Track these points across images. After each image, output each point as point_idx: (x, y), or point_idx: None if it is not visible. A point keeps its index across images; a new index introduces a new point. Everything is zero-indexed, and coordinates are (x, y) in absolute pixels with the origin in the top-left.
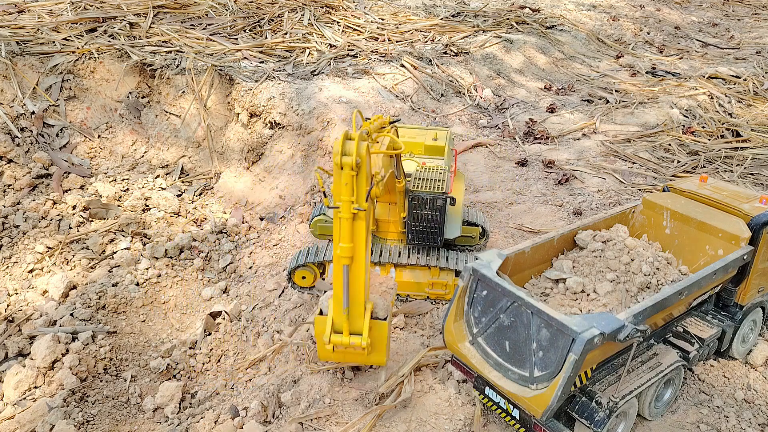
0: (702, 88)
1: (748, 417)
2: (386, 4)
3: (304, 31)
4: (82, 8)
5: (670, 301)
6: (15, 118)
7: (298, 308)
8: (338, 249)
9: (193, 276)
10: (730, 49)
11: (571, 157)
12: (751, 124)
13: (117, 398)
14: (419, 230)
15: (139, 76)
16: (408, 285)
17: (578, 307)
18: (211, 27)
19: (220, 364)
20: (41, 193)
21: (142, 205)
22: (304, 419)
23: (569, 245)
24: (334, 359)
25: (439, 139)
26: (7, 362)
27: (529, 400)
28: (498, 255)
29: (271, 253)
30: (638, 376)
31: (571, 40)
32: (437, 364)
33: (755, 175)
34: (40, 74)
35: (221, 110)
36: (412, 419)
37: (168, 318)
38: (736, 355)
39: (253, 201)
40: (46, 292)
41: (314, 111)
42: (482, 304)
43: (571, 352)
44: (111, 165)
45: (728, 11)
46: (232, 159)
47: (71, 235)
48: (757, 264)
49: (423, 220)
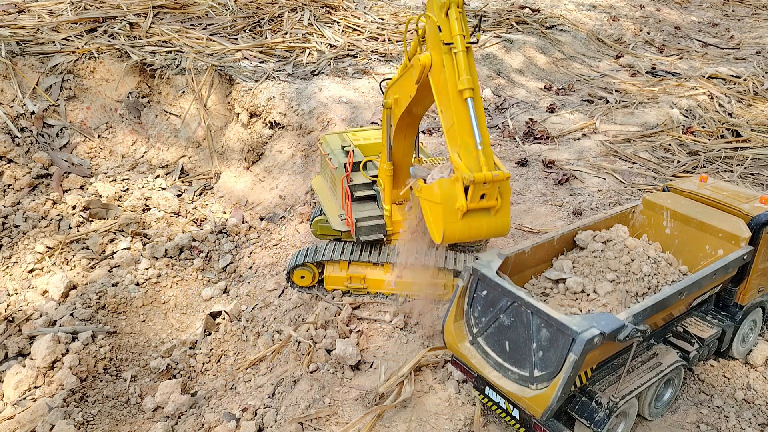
0: (702, 88)
1: (748, 417)
2: (386, 4)
3: (304, 31)
4: (82, 8)
5: (670, 301)
6: (15, 118)
7: (298, 308)
8: (459, 83)
9: (193, 276)
10: (730, 49)
11: (571, 157)
12: (751, 124)
13: (117, 398)
14: None
15: (139, 76)
16: (407, 285)
17: (578, 307)
18: (211, 27)
19: (220, 364)
20: (41, 193)
21: (142, 205)
22: (304, 419)
23: (569, 245)
24: (459, 234)
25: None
26: (7, 362)
27: (529, 400)
28: (498, 255)
29: (271, 253)
30: (638, 376)
31: (571, 40)
32: (437, 364)
33: (755, 175)
34: (40, 74)
35: (221, 110)
36: (412, 419)
37: (168, 318)
38: (736, 355)
39: (253, 201)
40: (46, 292)
41: (314, 111)
42: (482, 304)
43: (571, 352)
44: (111, 165)
45: (728, 11)
46: (232, 159)
47: (71, 235)
48: (757, 264)
49: None
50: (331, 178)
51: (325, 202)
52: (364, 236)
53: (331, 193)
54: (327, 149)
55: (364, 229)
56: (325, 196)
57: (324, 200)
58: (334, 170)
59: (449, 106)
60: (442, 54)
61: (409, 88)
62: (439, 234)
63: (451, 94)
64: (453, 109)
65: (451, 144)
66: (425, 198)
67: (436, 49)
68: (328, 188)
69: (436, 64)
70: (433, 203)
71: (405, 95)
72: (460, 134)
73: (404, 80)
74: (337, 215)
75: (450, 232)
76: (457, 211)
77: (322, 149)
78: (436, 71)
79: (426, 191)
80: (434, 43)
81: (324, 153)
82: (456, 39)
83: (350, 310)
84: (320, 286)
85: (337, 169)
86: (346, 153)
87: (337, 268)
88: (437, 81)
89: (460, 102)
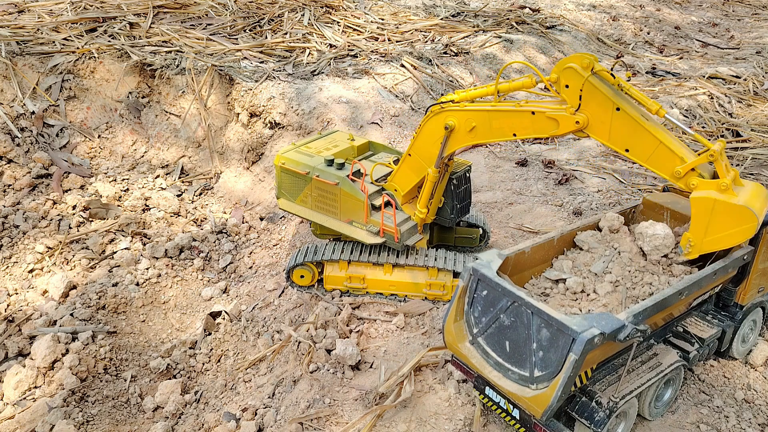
0: (702, 88)
1: (748, 417)
2: (386, 4)
3: (304, 31)
4: (82, 8)
5: (670, 301)
6: (15, 118)
7: (298, 308)
8: (652, 105)
9: (193, 276)
10: (730, 49)
11: (571, 157)
12: (751, 124)
13: (117, 398)
14: (462, 206)
15: (139, 76)
16: (406, 285)
17: (578, 307)
18: (211, 27)
19: (220, 364)
20: (41, 193)
21: (142, 205)
22: (304, 419)
23: (569, 245)
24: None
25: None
26: (7, 362)
27: (529, 400)
28: (498, 255)
29: (271, 253)
30: (638, 376)
31: (571, 40)
32: (437, 364)
33: (755, 175)
34: (40, 74)
35: (221, 110)
36: (412, 419)
37: (168, 318)
38: (736, 355)
39: (253, 201)
40: (46, 292)
41: (314, 111)
42: (482, 304)
43: (571, 352)
44: (111, 165)
45: (728, 11)
46: (232, 159)
47: (71, 235)
48: (757, 264)
49: (465, 194)
50: (323, 196)
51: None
52: (408, 240)
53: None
54: (301, 168)
55: (406, 233)
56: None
57: (322, 220)
58: (334, 186)
59: (642, 134)
60: (614, 100)
61: (512, 128)
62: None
63: (642, 122)
64: (651, 132)
65: (667, 166)
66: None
67: (597, 104)
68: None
69: (598, 120)
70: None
71: (501, 133)
72: (676, 149)
73: (508, 119)
74: (364, 230)
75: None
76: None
77: (291, 168)
78: (601, 126)
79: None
80: (592, 96)
81: (300, 172)
82: (619, 80)
83: (350, 310)
84: (320, 285)
85: (338, 185)
86: (338, 166)
87: (337, 267)
88: (606, 131)
89: (654, 126)
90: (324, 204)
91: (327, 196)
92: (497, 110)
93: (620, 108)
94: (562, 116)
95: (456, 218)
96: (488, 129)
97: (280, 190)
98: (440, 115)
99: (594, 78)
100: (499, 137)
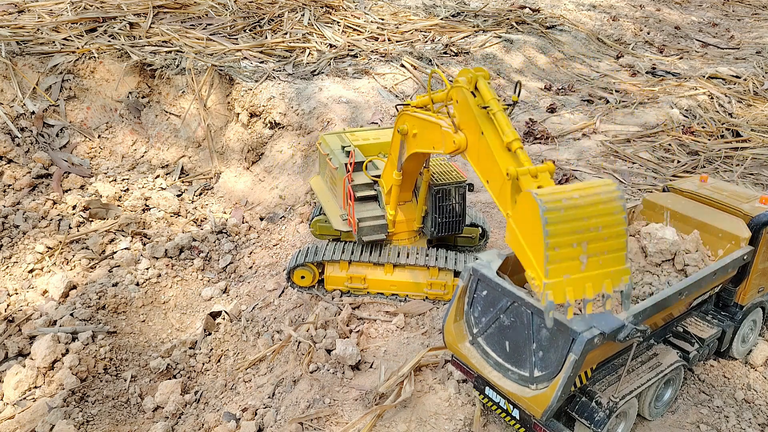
0: (702, 88)
1: (748, 417)
2: (386, 4)
3: (304, 31)
4: (82, 8)
5: (670, 301)
6: (15, 118)
7: (298, 308)
8: (505, 137)
9: (193, 276)
10: (730, 49)
11: (571, 157)
12: (751, 124)
13: (117, 398)
14: (445, 222)
15: (139, 76)
16: (407, 285)
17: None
18: (211, 27)
19: (220, 364)
20: (41, 193)
21: (142, 205)
22: (304, 419)
23: None
24: None
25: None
26: (7, 362)
27: (529, 400)
28: (498, 255)
29: (271, 253)
30: (638, 376)
31: (571, 40)
32: (437, 364)
33: (755, 175)
34: (40, 74)
35: (221, 110)
36: (412, 419)
37: (168, 318)
38: (736, 355)
39: (253, 201)
40: (46, 292)
41: (314, 111)
42: (482, 304)
43: (571, 352)
44: (111, 165)
45: (728, 11)
46: (232, 159)
47: (71, 235)
48: (757, 264)
49: (449, 211)
50: (331, 178)
51: (325, 202)
52: (366, 236)
53: (330, 193)
54: (326, 149)
55: (366, 229)
56: (325, 196)
57: (324, 200)
58: (335, 170)
59: (493, 170)
60: (479, 123)
61: (431, 141)
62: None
63: (496, 154)
64: (501, 166)
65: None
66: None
67: (470, 126)
68: (327, 188)
69: (471, 143)
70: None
71: (426, 144)
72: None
73: (430, 130)
74: (339, 215)
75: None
76: None
77: (321, 149)
78: (472, 150)
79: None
80: (468, 117)
81: (323, 153)
82: (491, 102)
83: (350, 310)
84: (320, 286)
85: (337, 169)
86: (346, 153)
87: (338, 268)
88: (475, 156)
89: (508, 157)
90: (332, 186)
91: (333, 179)
92: (426, 120)
93: (484, 133)
94: (447, 134)
95: (437, 233)
96: (424, 138)
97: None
98: (399, 118)
99: (470, 96)
100: (429, 148)
